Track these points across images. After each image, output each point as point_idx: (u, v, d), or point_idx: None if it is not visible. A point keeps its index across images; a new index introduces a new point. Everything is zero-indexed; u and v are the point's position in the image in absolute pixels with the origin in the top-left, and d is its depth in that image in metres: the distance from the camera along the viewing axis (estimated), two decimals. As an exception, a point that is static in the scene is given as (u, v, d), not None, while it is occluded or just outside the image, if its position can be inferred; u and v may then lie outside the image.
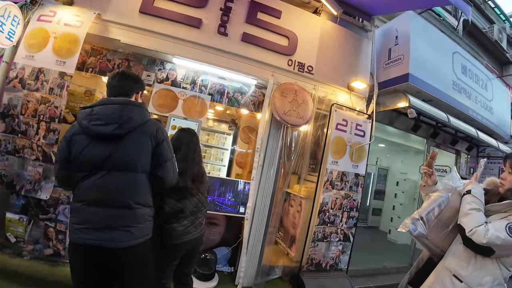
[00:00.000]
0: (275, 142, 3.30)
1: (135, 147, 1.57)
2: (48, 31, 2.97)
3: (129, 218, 1.54)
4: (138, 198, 1.57)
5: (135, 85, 1.76)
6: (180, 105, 3.21)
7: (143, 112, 1.66)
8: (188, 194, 2.01)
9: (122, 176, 1.55)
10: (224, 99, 3.41)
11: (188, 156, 2.05)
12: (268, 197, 3.26)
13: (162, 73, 3.30)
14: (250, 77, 3.34)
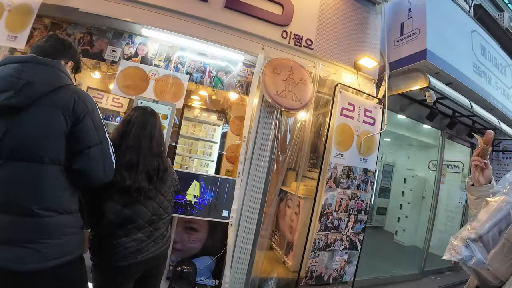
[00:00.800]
0: (266, 131, 2.69)
1: (38, 126, 1.10)
2: (3, 4, 2.47)
3: (35, 230, 1.06)
4: (46, 201, 1.09)
5: (63, 50, 1.34)
6: (151, 86, 2.62)
7: (54, 74, 1.17)
8: (142, 197, 1.43)
9: (20, 169, 1.07)
10: (206, 79, 2.80)
11: (142, 144, 1.47)
12: (259, 197, 2.66)
13: (130, 48, 2.71)
14: (236, 51, 2.74)
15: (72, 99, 1.15)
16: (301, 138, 2.85)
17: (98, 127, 1.22)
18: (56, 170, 1.12)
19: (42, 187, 1.08)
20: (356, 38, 3.20)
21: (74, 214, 1.20)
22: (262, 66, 2.60)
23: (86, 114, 1.17)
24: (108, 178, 1.27)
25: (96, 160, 1.20)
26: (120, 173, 1.35)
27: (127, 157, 1.40)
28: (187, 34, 2.61)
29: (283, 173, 2.81)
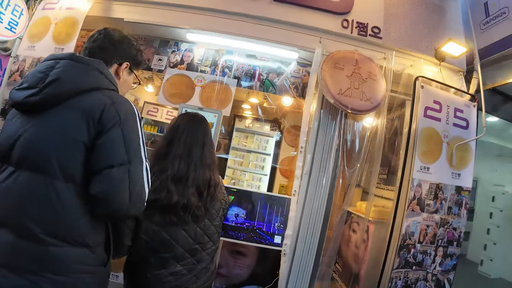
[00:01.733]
0: (327, 139, 2.20)
1: (54, 132, 0.88)
2: (50, 18, 2.58)
3: (36, 260, 0.84)
4: (53, 226, 0.86)
5: (113, 49, 1.08)
6: (197, 93, 2.40)
7: (88, 74, 0.95)
8: (190, 217, 1.17)
9: (29, 181, 0.87)
10: (255, 83, 2.47)
11: (193, 153, 1.21)
12: (319, 219, 2.16)
13: (176, 55, 2.55)
14: (289, 48, 2.37)
15: (102, 104, 0.91)
16: (372, 148, 2.28)
17: (129, 141, 0.92)
18: (68, 190, 0.87)
19: (49, 207, 0.85)
20: (433, 22, 2.56)
21: (92, 249, 0.92)
22: (320, 62, 2.16)
23: (116, 124, 0.90)
24: (136, 211, 0.95)
25: (119, 184, 0.88)
26: (166, 187, 1.12)
27: (175, 167, 1.16)
28: (234, 34, 2.35)
29: (351, 191, 2.25)
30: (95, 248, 0.94)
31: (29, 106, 0.90)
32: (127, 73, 1.15)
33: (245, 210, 1.99)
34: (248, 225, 1.99)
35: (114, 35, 1.11)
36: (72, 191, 0.87)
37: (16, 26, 2.52)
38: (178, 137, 1.21)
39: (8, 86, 2.56)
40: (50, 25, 2.50)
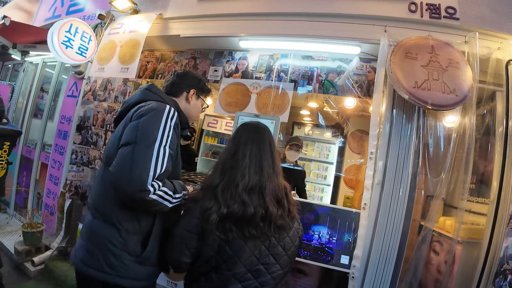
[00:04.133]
0: (403, 143, 2.04)
1: (114, 134, 1.26)
2: (115, 42, 2.99)
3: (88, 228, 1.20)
4: (97, 200, 1.22)
5: (180, 82, 1.46)
6: (253, 100, 2.51)
7: (141, 93, 1.32)
8: (270, 229, 1.14)
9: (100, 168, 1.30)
10: (314, 85, 2.46)
11: (263, 162, 1.21)
12: (395, 238, 1.98)
13: (231, 64, 2.71)
14: (349, 42, 2.32)
15: (138, 106, 1.21)
16: (461, 152, 2.05)
17: (143, 128, 1.11)
18: (107, 172, 1.14)
19: (98, 185, 1.23)
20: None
21: (119, 231, 1.12)
22: (387, 53, 2.06)
23: (139, 116, 1.15)
24: (133, 191, 1.03)
25: (122, 160, 1.07)
26: (240, 198, 1.12)
27: (246, 177, 1.16)
28: (288, 35, 2.40)
29: (437, 204, 2.04)
30: (123, 232, 1.12)
31: (114, 125, 1.35)
32: (195, 98, 1.48)
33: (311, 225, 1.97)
34: (316, 242, 1.96)
35: (180, 72, 1.50)
36: (108, 173, 1.13)
37: (86, 51, 2.99)
38: (243, 147, 1.23)
39: (82, 104, 3.04)
40: (116, 48, 2.90)
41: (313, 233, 1.98)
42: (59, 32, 2.72)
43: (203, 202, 1.13)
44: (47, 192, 3.38)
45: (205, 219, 1.09)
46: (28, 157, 4.04)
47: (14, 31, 3.60)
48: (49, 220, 3.26)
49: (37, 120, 4.24)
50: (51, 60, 4.15)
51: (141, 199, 1.04)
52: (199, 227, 1.11)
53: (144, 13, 3.01)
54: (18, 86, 4.50)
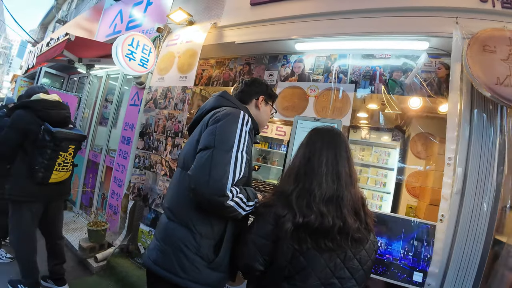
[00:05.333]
0: (485, 147, 1.84)
1: (191, 136, 1.34)
2: (174, 53, 3.16)
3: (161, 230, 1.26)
4: (173, 202, 1.26)
5: (250, 89, 1.52)
6: (311, 103, 2.47)
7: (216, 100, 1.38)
8: (347, 242, 1.09)
9: (175, 172, 1.36)
10: (377, 85, 2.36)
11: (340, 169, 1.16)
12: (476, 254, 1.77)
13: (286, 68, 2.71)
14: (415, 37, 2.18)
15: (213, 112, 1.26)
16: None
17: (220, 133, 1.14)
18: (185, 176, 1.18)
19: (174, 188, 1.29)
20: None
21: (194, 235, 1.14)
22: (461, 47, 1.90)
23: (216, 120, 1.19)
24: (212, 195, 1.05)
25: (201, 164, 1.09)
26: (317, 209, 1.07)
27: (323, 186, 1.11)
28: (346, 34, 2.32)
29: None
30: (197, 236, 1.14)
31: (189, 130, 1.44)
32: (264, 105, 1.51)
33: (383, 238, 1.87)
34: (389, 257, 1.85)
35: (248, 80, 1.53)
36: (185, 176, 1.18)
37: (147, 63, 3.21)
38: (318, 153, 1.17)
39: (144, 112, 3.27)
40: (174, 58, 3.07)
41: (385, 247, 1.88)
42: (122, 45, 2.96)
43: (276, 208, 1.11)
44: (111, 193, 3.67)
45: (279, 227, 1.07)
46: (94, 160, 4.44)
47: (79, 46, 3.99)
48: (113, 219, 3.53)
49: (102, 127, 4.65)
50: (114, 73, 4.53)
51: (219, 204, 1.05)
52: (274, 234, 1.08)
53: (199, 23, 3.16)
54: (84, 97, 4.98)
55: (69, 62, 4.67)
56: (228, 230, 1.19)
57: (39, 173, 2.13)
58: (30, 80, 9.19)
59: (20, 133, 2.13)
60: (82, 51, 4.35)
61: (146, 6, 4.08)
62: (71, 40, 3.42)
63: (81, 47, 4.09)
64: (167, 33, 3.39)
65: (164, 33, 3.37)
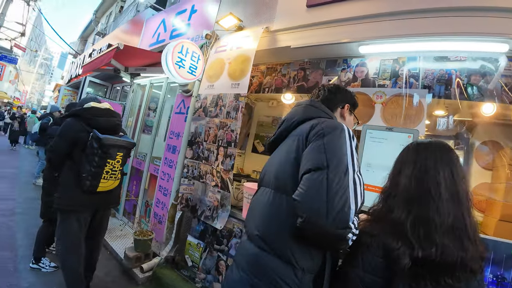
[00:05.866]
0: None
1: (278, 154, 1.24)
2: (223, 59, 3.10)
3: (250, 261, 1.10)
4: (266, 230, 1.09)
5: (334, 97, 1.39)
6: (378, 111, 2.29)
7: (305, 110, 1.28)
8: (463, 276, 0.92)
9: (262, 192, 1.21)
10: (453, 90, 2.13)
11: (460, 193, 0.99)
12: None
13: (347, 73, 2.54)
14: (494, 39, 1.94)
15: (311, 124, 1.12)
16: None
17: (331, 149, 0.99)
18: (280, 199, 1.08)
19: (265, 212, 1.12)
20: None
21: (295, 270, 0.99)
22: None
23: (319, 135, 1.04)
24: (334, 228, 0.88)
25: (313, 188, 0.93)
26: (439, 240, 0.91)
27: (444, 214, 0.94)
28: (418, 35, 2.12)
29: None
30: (299, 271, 0.99)
31: (271, 145, 1.35)
32: (349, 114, 1.41)
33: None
34: None
35: (332, 87, 1.41)
36: (284, 200, 1.06)
37: (196, 70, 3.18)
38: (433, 173, 1.00)
39: (193, 121, 3.22)
40: (224, 65, 3.01)
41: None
42: (172, 53, 2.93)
43: (385, 239, 0.95)
44: (156, 201, 3.65)
45: (392, 261, 0.91)
46: (138, 168, 4.48)
47: (125, 55, 4.06)
48: (158, 228, 3.50)
49: (145, 135, 4.72)
50: (157, 81, 4.59)
51: (339, 238, 0.90)
52: (386, 271, 0.93)
53: (248, 28, 3.08)
54: (128, 106, 5.09)
55: (114, 71, 4.79)
56: (328, 262, 1.05)
57: (87, 181, 2.11)
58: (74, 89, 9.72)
59: (69, 142, 2.16)
60: (128, 60, 4.44)
61: (190, 14, 4.10)
62: (120, 49, 3.48)
63: (127, 56, 4.17)
64: (214, 40, 3.35)
65: (212, 40, 3.33)
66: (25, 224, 3.90)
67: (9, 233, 3.53)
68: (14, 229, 3.70)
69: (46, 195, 2.86)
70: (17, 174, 6.94)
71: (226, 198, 2.61)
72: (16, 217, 4.13)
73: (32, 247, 2.87)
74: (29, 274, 2.74)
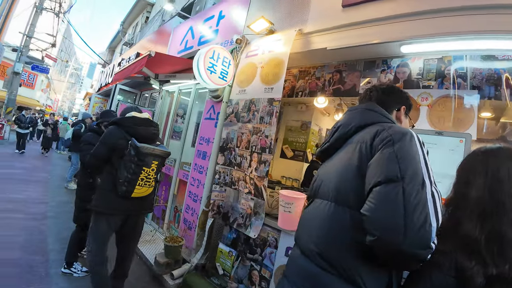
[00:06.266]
0: None
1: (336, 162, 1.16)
2: (255, 63, 3.06)
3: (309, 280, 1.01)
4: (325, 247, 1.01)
5: (388, 98, 1.29)
6: (423, 113, 2.17)
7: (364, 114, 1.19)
8: None
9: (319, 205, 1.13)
10: (503, 92, 1.98)
11: None
12: None
13: (387, 74, 2.43)
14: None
15: (375, 130, 1.03)
16: None
17: (404, 159, 0.89)
18: (343, 213, 1.00)
19: (325, 228, 1.03)
20: None
21: None
22: None
23: (388, 143, 0.95)
24: (414, 247, 0.79)
25: (386, 202, 0.84)
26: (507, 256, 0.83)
27: None
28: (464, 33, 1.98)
29: None
30: None
31: (324, 153, 1.27)
32: (404, 117, 1.30)
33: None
34: None
35: (385, 87, 1.31)
36: (347, 214, 0.97)
37: (227, 76, 3.16)
38: (508, 183, 0.91)
39: (224, 126, 3.20)
40: (256, 69, 2.98)
41: None
42: (204, 58, 2.93)
43: (458, 257, 0.86)
44: (185, 207, 3.66)
45: (466, 281, 0.83)
46: (167, 173, 4.53)
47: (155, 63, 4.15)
48: (188, 235, 3.49)
49: (174, 141, 4.78)
50: (186, 88, 4.65)
51: (419, 258, 0.82)
52: None
53: (280, 31, 3.04)
54: (157, 112, 5.19)
55: (145, 79, 4.92)
56: (394, 282, 0.96)
57: (123, 186, 2.17)
58: (104, 97, 10.11)
59: (109, 148, 2.24)
60: (158, 67, 4.54)
61: (218, 20, 4.13)
62: (152, 56, 3.55)
63: (158, 64, 4.26)
64: (245, 45, 3.34)
65: (242, 44, 3.32)
66: (56, 228, 3.99)
67: (41, 237, 3.61)
68: (45, 233, 3.78)
69: (79, 200, 2.95)
70: (50, 178, 7.19)
71: (260, 205, 2.56)
72: (48, 220, 4.23)
73: (64, 251, 2.92)
74: (60, 279, 2.77)
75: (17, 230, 3.65)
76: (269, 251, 2.49)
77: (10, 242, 3.30)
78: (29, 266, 2.84)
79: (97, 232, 2.29)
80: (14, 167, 7.69)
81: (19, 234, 3.55)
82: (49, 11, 14.14)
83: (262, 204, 2.54)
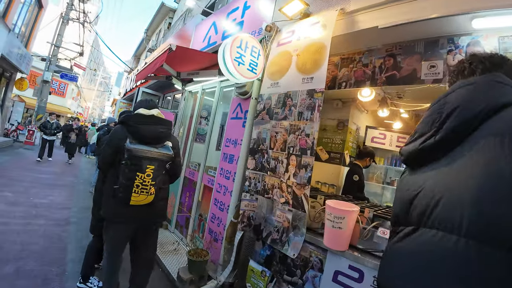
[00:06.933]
0: None
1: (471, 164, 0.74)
2: (289, 51, 2.67)
3: None
4: None
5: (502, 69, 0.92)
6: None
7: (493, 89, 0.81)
8: None
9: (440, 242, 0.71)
10: None
11: None
12: None
13: (456, 55, 1.93)
14: None
15: None
16: None
17: None
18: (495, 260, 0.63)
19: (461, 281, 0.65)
20: None
21: None
22: None
23: None
24: None
25: None
26: None
27: None
28: None
29: None
30: None
31: (426, 152, 0.86)
32: None
33: None
34: None
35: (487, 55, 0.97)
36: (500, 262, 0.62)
37: (256, 67, 2.77)
38: None
39: (255, 125, 2.81)
40: (291, 58, 2.57)
41: None
42: (231, 47, 2.57)
43: None
44: (211, 216, 3.32)
45: None
46: (191, 178, 4.23)
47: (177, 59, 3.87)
48: (214, 247, 3.15)
49: (198, 144, 4.48)
50: (210, 87, 4.34)
51: None
52: None
53: (316, 13, 2.63)
54: (180, 114, 4.94)
55: (166, 78, 4.68)
56: None
57: (119, 193, 1.94)
58: (128, 101, 10.19)
59: (112, 150, 2.04)
60: (180, 64, 4.28)
61: (243, 11, 3.79)
62: (172, 50, 3.26)
63: (180, 60, 4.00)
64: (275, 33, 2.96)
65: (272, 32, 2.95)
66: (78, 234, 3.84)
67: (61, 245, 3.43)
68: (66, 240, 3.63)
69: (96, 207, 2.69)
70: (76, 182, 7.21)
71: (300, 219, 2.13)
72: (70, 227, 4.09)
73: (82, 262, 2.69)
74: (75, 295, 2.54)
75: (36, 238, 3.49)
76: (312, 274, 2.05)
77: (28, 250, 3.12)
78: (43, 279, 2.63)
79: (107, 240, 2.16)
80: (42, 171, 7.79)
81: (38, 241, 3.39)
82: (75, 21, 14.60)
83: (303, 217, 2.11)
